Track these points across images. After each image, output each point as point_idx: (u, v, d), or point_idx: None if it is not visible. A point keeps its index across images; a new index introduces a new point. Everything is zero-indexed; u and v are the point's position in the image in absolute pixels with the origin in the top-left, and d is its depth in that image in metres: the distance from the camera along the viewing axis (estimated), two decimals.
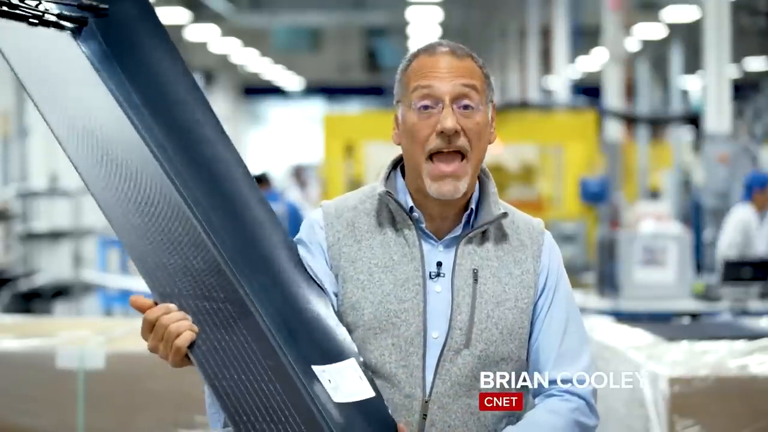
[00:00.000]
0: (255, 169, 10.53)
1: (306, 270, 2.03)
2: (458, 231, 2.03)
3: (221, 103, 25.82)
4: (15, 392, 3.51)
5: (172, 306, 1.78)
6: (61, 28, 2.03)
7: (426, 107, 1.96)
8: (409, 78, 2.00)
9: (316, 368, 1.88)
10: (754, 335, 3.91)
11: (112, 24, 2.08)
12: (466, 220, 2.03)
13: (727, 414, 3.28)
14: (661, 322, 5.01)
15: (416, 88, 1.98)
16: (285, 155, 25.40)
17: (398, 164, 2.09)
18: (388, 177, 2.06)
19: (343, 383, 1.90)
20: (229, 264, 1.93)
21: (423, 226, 2.02)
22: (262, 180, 9.01)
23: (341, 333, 1.98)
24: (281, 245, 2.04)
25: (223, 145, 2.09)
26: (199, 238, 1.93)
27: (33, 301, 8.02)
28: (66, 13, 2.03)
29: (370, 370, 1.97)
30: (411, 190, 2.04)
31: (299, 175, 13.70)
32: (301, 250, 2.06)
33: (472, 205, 2.03)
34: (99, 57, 2.04)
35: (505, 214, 2.03)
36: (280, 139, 30.45)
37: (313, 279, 2.02)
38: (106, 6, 2.07)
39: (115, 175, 1.91)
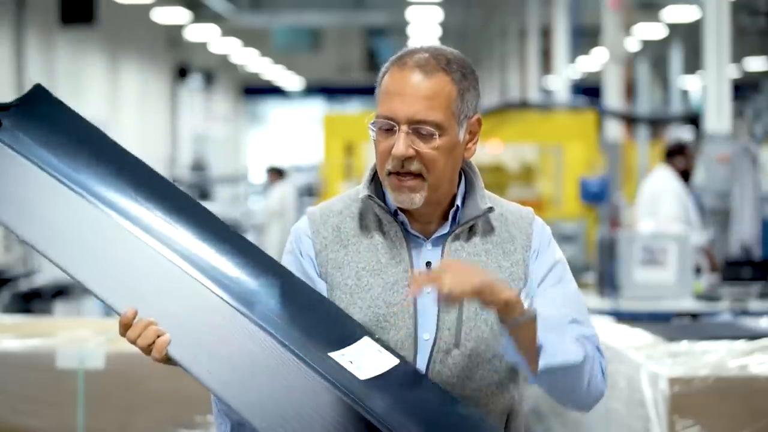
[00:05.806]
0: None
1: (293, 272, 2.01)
2: (446, 229, 2.00)
3: (221, 103, 25.81)
4: (15, 392, 3.50)
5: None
6: None
7: (385, 126, 1.93)
8: (381, 89, 1.96)
9: (333, 354, 1.86)
10: (754, 335, 3.90)
11: (26, 119, 2.02)
12: (452, 217, 2.00)
13: (727, 414, 3.28)
14: (661, 322, 5.01)
15: (381, 103, 1.94)
16: (285, 155, 25.37)
17: None
18: (372, 179, 2.02)
19: (364, 361, 1.87)
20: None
21: (408, 227, 2.00)
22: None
23: (348, 316, 1.95)
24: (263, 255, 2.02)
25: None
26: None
27: (33, 301, 7.99)
28: None
29: None
30: None
31: (279, 176, 13.29)
32: (288, 261, 2.04)
33: (458, 202, 2.00)
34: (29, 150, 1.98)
35: (491, 209, 2.00)
36: (280, 139, 30.45)
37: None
38: (14, 102, 2.02)
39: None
